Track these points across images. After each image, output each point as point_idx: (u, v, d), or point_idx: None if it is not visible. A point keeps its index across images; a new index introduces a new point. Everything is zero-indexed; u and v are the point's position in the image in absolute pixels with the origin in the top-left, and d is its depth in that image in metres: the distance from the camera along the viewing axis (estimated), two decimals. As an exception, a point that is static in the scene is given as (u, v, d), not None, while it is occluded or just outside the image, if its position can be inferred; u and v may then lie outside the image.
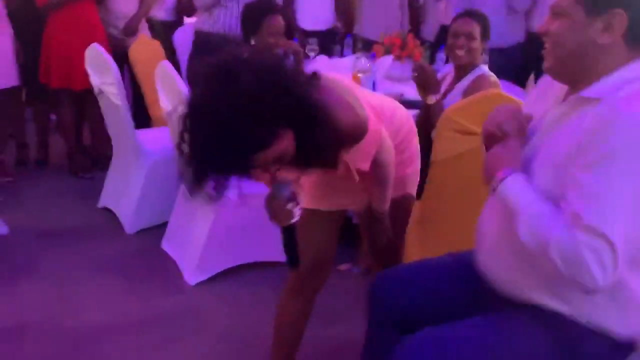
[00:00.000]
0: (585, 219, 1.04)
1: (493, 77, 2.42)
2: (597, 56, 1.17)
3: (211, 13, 3.20)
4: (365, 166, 1.54)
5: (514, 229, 1.15)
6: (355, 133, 1.41)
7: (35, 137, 3.89)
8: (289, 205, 1.35)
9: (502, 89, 2.26)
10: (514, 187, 1.18)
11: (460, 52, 2.42)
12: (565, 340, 1.20)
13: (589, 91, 1.16)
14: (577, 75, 1.20)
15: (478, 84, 2.34)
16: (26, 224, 3.02)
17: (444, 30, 3.82)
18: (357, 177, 1.56)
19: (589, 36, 1.16)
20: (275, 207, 1.36)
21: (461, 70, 2.47)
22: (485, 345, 1.23)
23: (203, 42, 3.25)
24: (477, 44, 2.41)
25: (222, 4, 3.17)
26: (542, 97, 1.37)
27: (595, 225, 1.03)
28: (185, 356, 2.11)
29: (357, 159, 1.51)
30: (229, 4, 3.16)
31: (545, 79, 1.38)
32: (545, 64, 1.25)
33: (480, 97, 2.04)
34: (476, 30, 2.41)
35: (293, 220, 1.37)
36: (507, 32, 3.59)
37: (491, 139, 1.29)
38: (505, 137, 1.26)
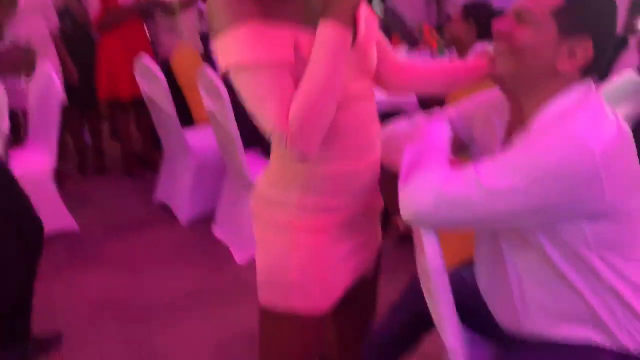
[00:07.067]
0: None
1: None
2: (549, 81, 1.06)
3: None
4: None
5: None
6: None
7: (91, 145, 4.32)
8: None
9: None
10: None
11: None
12: None
13: (538, 124, 1.05)
14: (523, 92, 1.09)
15: None
16: (93, 220, 3.40)
17: None
18: None
19: (554, 58, 1.04)
20: None
21: None
22: None
23: None
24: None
25: None
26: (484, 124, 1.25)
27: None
28: (237, 320, 2.38)
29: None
30: None
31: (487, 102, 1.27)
32: (500, 68, 1.10)
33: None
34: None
35: None
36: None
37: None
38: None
